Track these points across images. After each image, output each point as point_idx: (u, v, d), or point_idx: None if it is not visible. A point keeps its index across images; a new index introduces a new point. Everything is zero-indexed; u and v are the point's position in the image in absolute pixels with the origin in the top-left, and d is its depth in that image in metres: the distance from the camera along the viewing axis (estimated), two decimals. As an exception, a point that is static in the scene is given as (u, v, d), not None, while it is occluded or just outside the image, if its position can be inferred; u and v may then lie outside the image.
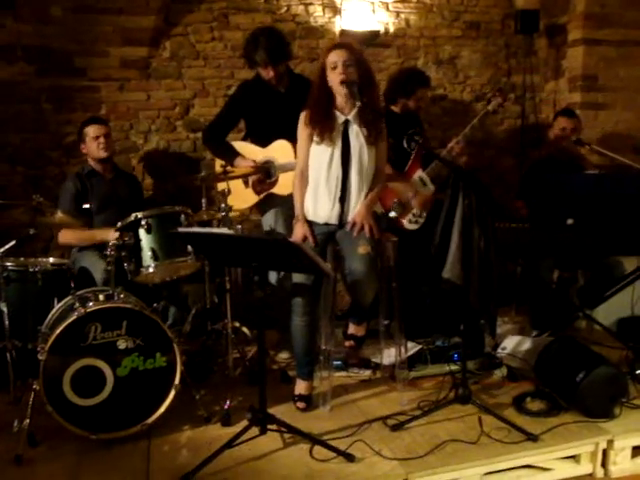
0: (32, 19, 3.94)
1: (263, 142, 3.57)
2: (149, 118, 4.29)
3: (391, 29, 4.57)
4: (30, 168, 4.11)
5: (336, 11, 4.45)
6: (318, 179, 2.95)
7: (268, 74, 3.45)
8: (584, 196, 3.27)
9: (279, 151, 3.50)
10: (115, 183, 3.75)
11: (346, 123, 2.94)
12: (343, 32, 4.39)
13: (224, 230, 2.45)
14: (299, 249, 2.28)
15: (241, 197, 3.58)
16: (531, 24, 4.46)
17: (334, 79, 2.86)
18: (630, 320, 3.95)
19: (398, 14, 4.58)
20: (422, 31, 4.64)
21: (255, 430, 2.65)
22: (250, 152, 3.56)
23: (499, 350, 3.58)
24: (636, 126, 4.62)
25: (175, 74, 4.29)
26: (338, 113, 2.94)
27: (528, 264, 3.89)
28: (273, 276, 3.52)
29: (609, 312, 3.95)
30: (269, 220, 3.57)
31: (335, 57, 2.84)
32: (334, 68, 2.84)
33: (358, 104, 2.76)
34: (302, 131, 3.00)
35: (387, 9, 4.55)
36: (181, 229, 2.83)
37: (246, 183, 3.60)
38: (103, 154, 3.64)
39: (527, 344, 3.59)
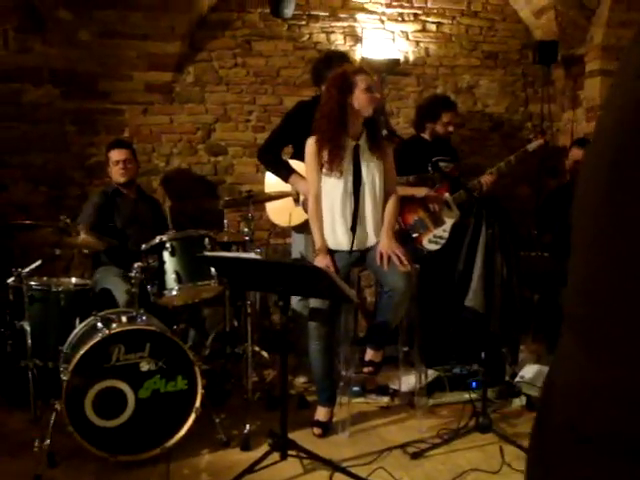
0: (60, 43, 4.03)
1: None
2: (171, 141, 4.35)
3: (411, 58, 4.65)
4: (53, 188, 4.17)
5: (357, 39, 4.53)
6: (333, 211, 2.96)
7: None
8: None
9: None
10: (139, 204, 3.80)
11: (356, 148, 2.95)
12: (364, 60, 4.45)
13: (251, 255, 2.46)
14: (326, 275, 2.29)
15: (290, 214, 3.58)
16: (550, 55, 4.51)
17: (367, 102, 2.85)
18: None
19: (418, 43, 4.66)
20: (441, 60, 4.71)
21: (275, 455, 2.64)
22: (303, 170, 3.56)
23: (517, 378, 3.56)
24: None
25: (198, 99, 4.36)
26: (349, 139, 2.95)
27: (547, 292, 3.88)
28: (294, 300, 3.53)
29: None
30: (299, 245, 3.59)
31: (370, 82, 2.86)
32: (367, 90, 2.84)
33: (385, 132, 2.78)
34: (312, 159, 2.98)
35: (407, 38, 4.63)
36: (208, 253, 2.85)
37: (296, 201, 3.61)
38: (121, 179, 3.70)
39: (545, 373, 3.56)
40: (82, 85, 4.13)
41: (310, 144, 2.97)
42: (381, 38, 4.54)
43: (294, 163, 3.60)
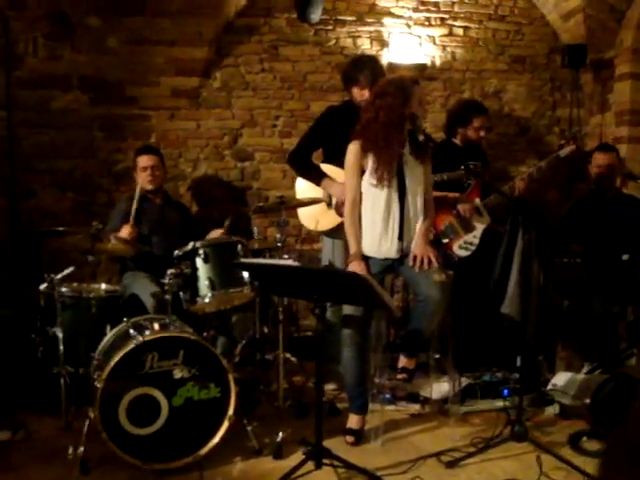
0: (89, 50, 4.06)
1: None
2: (198, 147, 4.36)
3: (437, 62, 4.62)
4: (80, 194, 4.18)
5: (383, 44, 4.51)
6: (375, 219, 2.90)
7: (362, 95, 3.48)
8: (642, 232, 3.23)
9: None
10: (165, 209, 3.78)
11: (400, 157, 2.90)
12: (391, 65, 4.43)
13: (289, 262, 2.44)
14: (367, 283, 2.26)
15: (322, 218, 3.56)
16: (578, 59, 4.46)
17: (419, 113, 2.84)
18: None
19: (444, 48, 4.63)
20: (468, 65, 4.68)
21: (309, 464, 2.61)
22: (335, 174, 3.54)
23: (549, 386, 3.51)
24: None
25: (225, 104, 4.36)
26: (396, 147, 2.89)
27: (578, 299, 3.82)
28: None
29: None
30: (328, 250, 3.57)
31: (422, 92, 2.87)
32: (420, 104, 2.85)
33: (422, 137, 2.75)
34: (353, 164, 2.91)
35: (434, 43, 4.61)
36: (244, 260, 2.83)
37: (329, 205, 3.58)
38: (149, 187, 3.67)
39: (578, 381, 3.51)
40: (110, 91, 4.15)
41: (353, 149, 2.91)
42: (408, 43, 4.51)
43: (325, 167, 3.59)
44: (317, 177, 3.51)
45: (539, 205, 4.05)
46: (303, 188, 3.66)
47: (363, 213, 2.95)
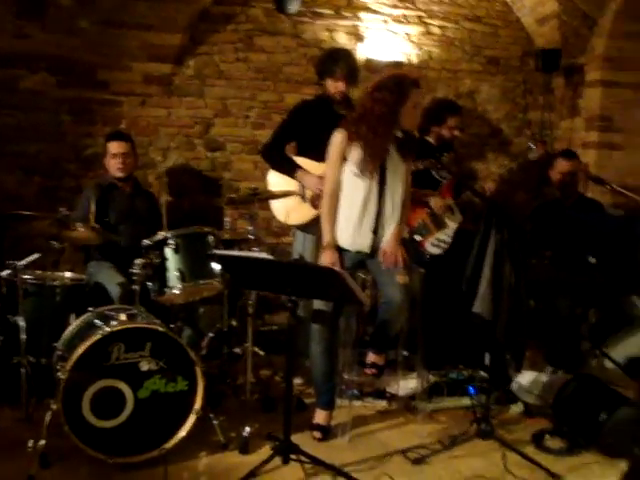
0: (59, 30, 3.92)
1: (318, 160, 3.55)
2: (169, 135, 4.27)
3: (413, 60, 4.62)
4: (46, 179, 4.06)
5: (360, 39, 4.49)
6: (352, 209, 2.89)
7: (337, 87, 3.46)
8: (610, 235, 3.29)
9: None
10: (134, 198, 3.70)
11: (386, 152, 2.89)
12: (368, 61, 4.42)
13: (263, 255, 2.41)
14: (341, 277, 2.25)
15: (295, 212, 3.51)
16: (552, 63, 4.53)
17: (412, 117, 2.83)
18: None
19: (421, 46, 4.64)
20: (443, 64, 4.71)
21: (276, 459, 2.59)
22: (309, 167, 3.51)
23: (514, 385, 3.56)
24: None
25: (197, 92, 4.29)
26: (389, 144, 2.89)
27: (544, 300, 3.88)
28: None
29: (617, 351, 3.95)
30: (299, 244, 3.54)
31: (419, 98, 2.84)
32: (415, 107, 2.82)
33: (399, 134, 2.74)
34: (336, 153, 2.88)
35: (410, 40, 4.61)
36: (217, 251, 2.78)
37: (303, 198, 3.53)
38: (119, 174, 3.59)
39: (542, 380, 3.57)
40: (80, 74, 4.03)
41: (339, 137, 2.87)
42: (384, 39, 4.51)
43: (299, 160, 3.55)
44: (291, 169, 3.48)
45: (507, 206, 4.09)
46: (276, 182, 3.61)
47: (341, 203, 2.93)
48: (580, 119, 4.75)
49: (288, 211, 3.46)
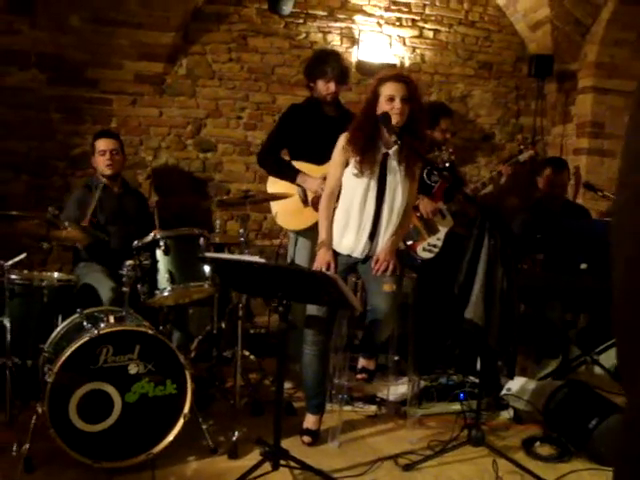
0: (49, 27, 3.88)
1: (313, 162, 3.51)
2: (160, 135, 4.23)
3: (406, 63, 4.63)
4: (34, 177, 4.00)
5: (354, 42, 4.48)
6: (350, 211, 2.85)
7: (328, 89, 3.45)
8: (602, 242, 3.28)
9: None
10: (123, 198, 3.66)
11: (385, 156, 2.84)
12: (360, 63, 4.40)
13: (256, 258, 2.38)
14: (334, 283, 2.22)
15: (298, 216, 3.48)
16: (545, 68, 4.54)
17: (388, 112, 2.74)
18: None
19: (414, 49, 4.63)
20: (436, 68, 4.71)
21: (266, 464, 2.56)
22: (309, 170, 3.47)
23: (504, 391, 3.55)
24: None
25: (189, 92, 4.25)
26: (381, 147, 2.84)
27: (535, 305, 3.89)
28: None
29: (608, 357, 3.96)
30: (293, 248, 3.51)
31: (392, 90, 2.74)
32: (390, 100, 2.74)
33: (394, 138, 2.69)
34: (339, 155, 2.87)
35: (404, 44, 4.61)
36: (209, 254, 2.74)
37: (305, 202, 3.49)
38: (107, 171, 3.54)
39: (533, 386, 3.56)
40: (70, 72, 3.98)
41: (341, 139, 2.87)
42: (378, 42, 4.50)
43: (296, 164, 3.52)
44: (291, 174, 3.45)
45: (500, 211, 4.10)
46: (275, 187, 3.57)
47: (339, 207, 2.91)
48: (572, 125, 4.77)
49: (288, 216, 3.42)
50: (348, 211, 2.87)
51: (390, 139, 2.77)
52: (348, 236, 2.89)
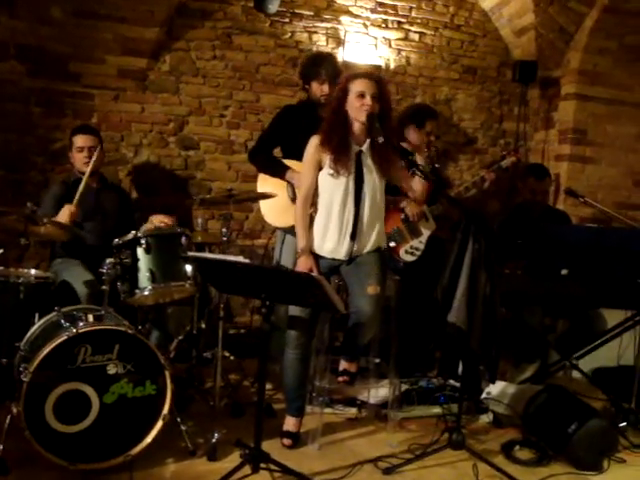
0: (30, 18, 3.79)
1: None
2: (141, 131, 4.17)
3: (392, 65, 4.63)
4: (12, 172, 3.91)
5: (339, 42, 4.46)
6: (330, 214, 2.82)
7: (322, 90, 3.46)
8: (583, 248, 3.31)
9: None
10: (101, 194, 3.58)
11: (359, 154, 2.83)
12: (345, 63, 4.39)
13: (239, 258, 2.35)
14: (319, 284, 2.20)
15: (286, 213, 3.42)
16: (528, 74, 4.58)
17: (358, 108, 2.74)
18: (604, 371, 4.01)
19: (399, 51, 4.64)
20: (421, 70, 4.72)
21: (245, 467, 2.53)
22: (298, 167, 3.42)
23: (484, 395, 3.57)
24: (620, 183, 4.77)
25: (172, 89, 4.20)
26: (353, 145, 2.83)
27: (514, 310, 3.90)
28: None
29: (584, 362, 3.99)
30: (277, 247, 3.48)
31: (363, 87, 2.73)
32: (360, 97, 2.73)
33: (381, 139, 2.68)
34: (311, 156, 2.84)
35: (389, 45, 4.61)
36: (192, 253, 2.70)
37: (293, 199, 3.45)
38: (84, 168, 3.44)
39: (512, 390, 3.58)
40: (51, 65, 3.90)
41: (312, 142, 2.84)
42: (363, 43, 4.50)
43: (287, 162, 3.50)
44: (280, 170, 3.44)
45: (483, 215, 4.11)
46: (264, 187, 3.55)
47: (318, 210, 2.88)
48: (554, 131, 4.82)
49: (276, 213, 3.40)
50: (328, 214, 2.83)
51: (365, 135, 2.80)
52: (330, 239, 2.85)
